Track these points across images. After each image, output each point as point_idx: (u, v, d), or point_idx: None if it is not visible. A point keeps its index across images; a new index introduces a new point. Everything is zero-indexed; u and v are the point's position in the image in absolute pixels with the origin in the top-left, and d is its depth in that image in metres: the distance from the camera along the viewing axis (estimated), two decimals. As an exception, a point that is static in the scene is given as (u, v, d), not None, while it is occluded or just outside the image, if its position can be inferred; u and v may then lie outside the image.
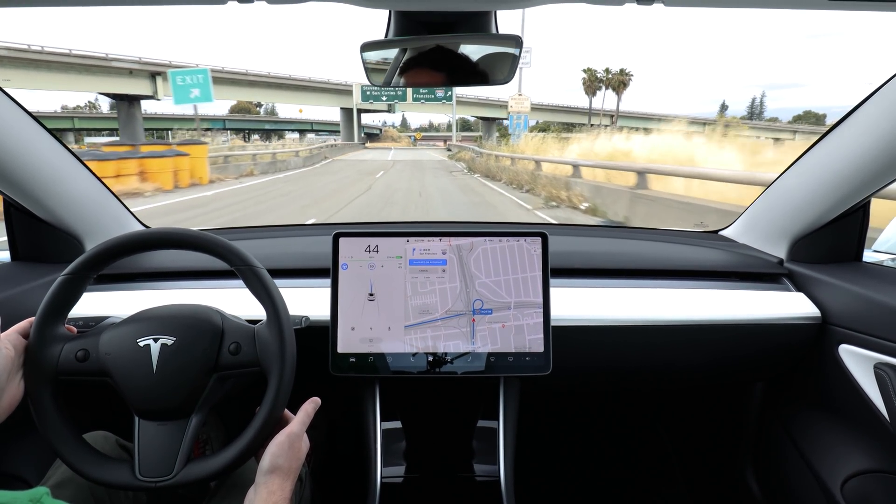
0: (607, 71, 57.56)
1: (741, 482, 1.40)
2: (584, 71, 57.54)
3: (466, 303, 1.04)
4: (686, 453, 1.65)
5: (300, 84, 42.11)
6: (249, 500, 0.73)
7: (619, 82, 56.42)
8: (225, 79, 35.25)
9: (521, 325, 1.04)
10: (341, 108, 52.83)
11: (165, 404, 0.78)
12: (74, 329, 0.85)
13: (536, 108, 56.82)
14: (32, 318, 0.79)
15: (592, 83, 56.70)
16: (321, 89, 45.01)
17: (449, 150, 45.62)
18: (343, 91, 46.32)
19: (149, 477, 0.75)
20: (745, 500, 1.38)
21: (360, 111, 55.91)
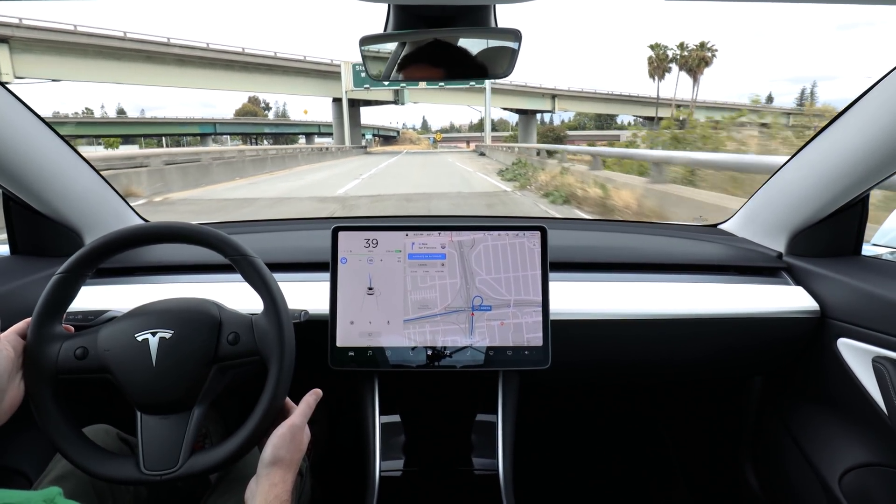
0: (682, 46, 41.50)
1: (740, 475, 1.41)
2: (651, 47, 42.47)
3: (466, 299, 1.04)
4: (685, 447, 1.65)
5: (263, 63, 29.45)
6: (251, 492, 0.73)
7: (698, 60, 40.99)
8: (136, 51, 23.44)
9: (519, 322, 1.04)
10: (333, 100, 39.39)
11: (167, 397, 0.78)
12: (72, 328, 0.85)
13: (580, 97, 45.86)
14: (30, 319, 0.79)
15: (661, 63, 42.03)
16: (297, 70, 31.94)
17: (482, 153, 32.64)
18: (329, 74, 33.84)
19: (153, 470, 0.76)
20: (744, 493, 1.39)
21: (354, 103, 42.40)
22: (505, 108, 50.43)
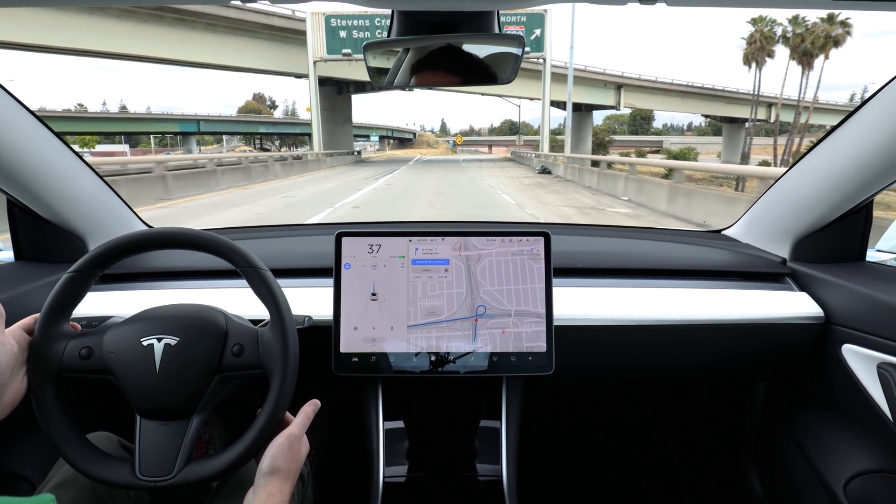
0: (796, 21, 26.84)
1: (744, 482, 1.40)
2: (752, 22, 28.14)
3: (470, 308, 1.04)
4: (689, 453, 1.65)
5: (168, 9, 19.16)
6: (249, 502, 0.73)
7: (824, 40, 26.22)
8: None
9: (520, 332, 1.04)
10: (318, 85, 26.07)
11: (167, 404, 0.78)
12: (79, 326, 0.85)
13: (653, 89, 35.13)
14: (37, 315, 0.80)
15: (765, 45, 28.06)
16: (230, 25, 22.01)
17: (545, 170, 23.73)
18: (291, 37, 22.75)
19: (149, 476, 0.75)
20: (748, 500, 1.38)
21: (342, 88, 30.60)
22: (550, 102, 31.26)
